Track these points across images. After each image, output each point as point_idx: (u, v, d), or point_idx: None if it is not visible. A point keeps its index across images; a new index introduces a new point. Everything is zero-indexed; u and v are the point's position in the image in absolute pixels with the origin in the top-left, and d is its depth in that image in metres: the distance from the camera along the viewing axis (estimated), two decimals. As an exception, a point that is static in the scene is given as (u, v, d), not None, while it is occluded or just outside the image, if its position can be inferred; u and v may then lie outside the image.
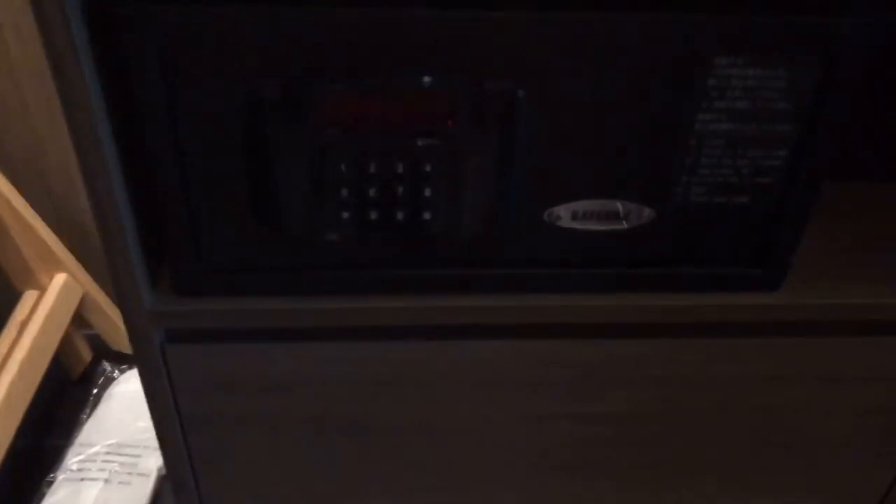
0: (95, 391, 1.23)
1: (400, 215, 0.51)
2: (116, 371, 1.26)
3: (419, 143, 0.48)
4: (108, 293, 1.24)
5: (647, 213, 0.53)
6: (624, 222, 0.53)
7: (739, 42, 0.46)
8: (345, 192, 0.50)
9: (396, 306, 0.56)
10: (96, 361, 1.28)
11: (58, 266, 1.13)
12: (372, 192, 0.50)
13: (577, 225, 0.53)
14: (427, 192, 0.50)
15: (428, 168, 0.49)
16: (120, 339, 1.25)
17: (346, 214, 0.51)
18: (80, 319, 1.23)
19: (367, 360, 0.59)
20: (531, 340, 0.59)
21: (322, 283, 0.55)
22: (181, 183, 0.50)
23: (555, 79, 0.47)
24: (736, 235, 0.55)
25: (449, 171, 0.50)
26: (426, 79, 0.46)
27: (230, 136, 0.48)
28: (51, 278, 1.12)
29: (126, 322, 0.56)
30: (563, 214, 0.53)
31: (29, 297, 1.10)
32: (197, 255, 0.54)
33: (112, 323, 1.23)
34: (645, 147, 0.50)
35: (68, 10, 0.40)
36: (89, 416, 1.18)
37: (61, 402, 1.23)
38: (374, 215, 0.51)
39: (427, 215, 0.52)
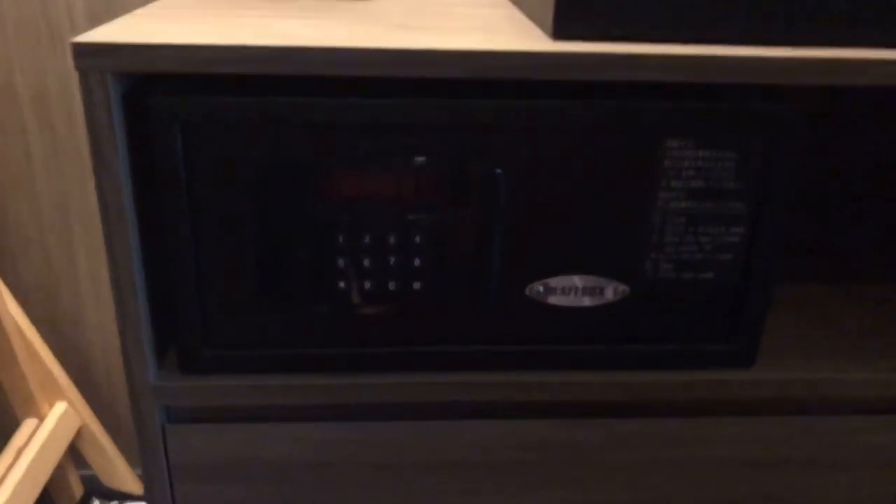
0: (83, 529, 1.20)
1: (392, 284, 0.56)
2: (106, 509, 1.23)
3: (410, 217, 0.54)
4: (105, 427, 1.24)
5: (622, 289, 0.58)
6: (600, 297, 0.58)
7: (686, 126, 0.52)
8: (341, 261, 0.55)
9: (390, 382, 0.59)
10: (87, 500, 1.26)
11: (58, 395, 1.15)
12: (366, 262, 0.55)
13: (558, 300, 0.58)
14: (417, 262, 0.55)
15: (418, 239, 0.55)
16: (113, 474, 1.24)
17: (341, 284, 0.56)
18: (75, 454, 1.23)
19: (366, 440, 0.61)
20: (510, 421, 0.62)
21: (318, 360, 0.59)
22: (194, 262, 0.55)
23: (528, 161, 0.53)
24: (705, 311, 0.59)
25: (437, 243, 0.55)
26: (417, 159, 0.53)
27: (240, 216, 0.54)
28: (51, 406, 1.14)
29: (132, 400, 0.59)
30: (543, 290, 0.58)
31: (28, 424, 1.11)
32: (203, 335, 0.58)
33: (107, 457, 1.22)
34: (615, 225, 0.56)
35: (111, 97, 0.47)
36: (75, 553, 1.15)
37: (48, 540, 1.20)
38: (367, 284, 0.56)
39: (417, 285, 0.56)
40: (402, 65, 0.48)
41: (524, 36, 0.53)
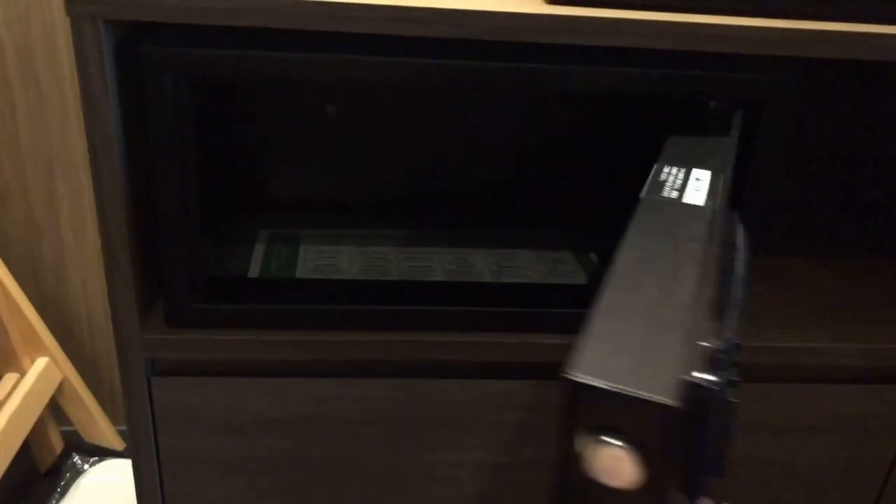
0: (63, 483, 1.21)
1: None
2: (86, 465, 1.24)
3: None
4: (87, 383, 1.24)
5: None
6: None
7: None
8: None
9: (375, 340, 0.59)
10: (67, 455, 1.26)
11: (40, 350, 1.15)
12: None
13: None
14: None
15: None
16: (94, 430, 1.25)
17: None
18: (56, 410, 1.23)
19: (341, 396, 0.62)
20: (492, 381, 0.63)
21: (304, 316, 0.59)
22: (183, 214, 0.55)
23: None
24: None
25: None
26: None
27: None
28: (32, 361, 1.14)
29: (118, 352, 0.59)
30: None
31: (9, 378, 1.11)
32: (190, 289, 0.58)
33: (88, 412, 1.23)
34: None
35: (104, 45, 0.47)
36: (55, 507, 1.16)
37: (28, 494, 1.21)
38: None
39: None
40: (395, 22, 0.48)
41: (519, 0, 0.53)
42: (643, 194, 0.43)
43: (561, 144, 0.78)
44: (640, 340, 0.28)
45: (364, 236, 0.74)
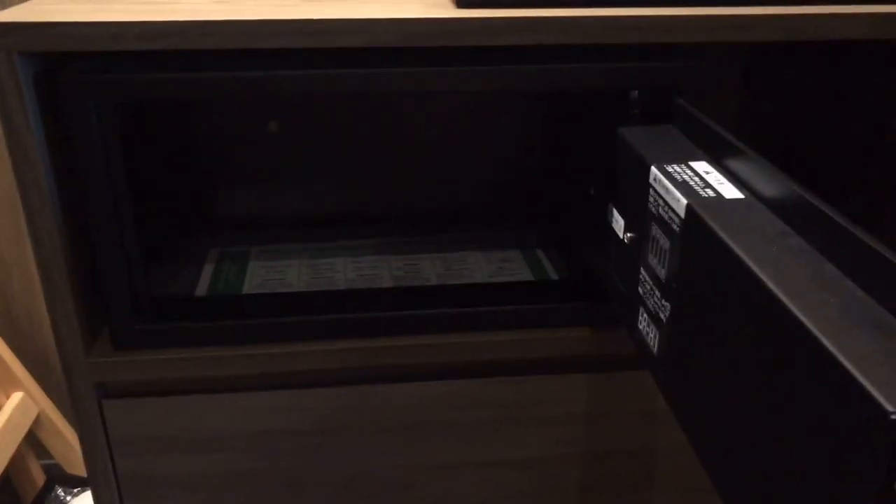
0: (47, 516, 1.21)
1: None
2: (69, 496, 1.24)
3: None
4: (65, 414, 1.25)
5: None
6: None
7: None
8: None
9: (320, 349, 0.60)
10: (50, 487, 1.26)
11: (14, 385, 1.15)
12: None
13: None
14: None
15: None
16: (75, 461, 1.25)
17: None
18: (35, 444, 1.23)
19: (293, 408, 0.63)
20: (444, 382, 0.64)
21: (249, 330, 0.60)
22: (118, 237, 0.56)
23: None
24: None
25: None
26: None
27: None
28: (7, 396, 1.14)
29: (67, 378, 0.60)
30: None
31: (-16, 415, 1.11)
32: (133, 310, 0.59)
33: (67, 444, 1.23)
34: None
35: (20, 77, 0.48)
36: (39, 540, 1.16)
37: (11, 529, 1.21)
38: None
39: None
40: (306, 35, 0.49)
41: (430, 5, 0.54)
42: (684, 199, 0.41)
43: (500, 144, 0.79)
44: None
45: (312, 249, 0.75)
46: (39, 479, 1.26)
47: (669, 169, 0.45)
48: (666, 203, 0.44)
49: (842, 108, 0.74)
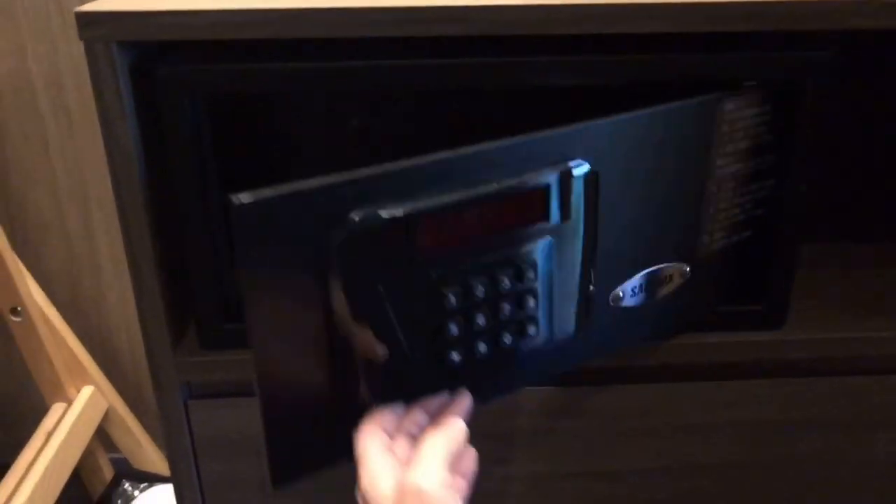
0: (115, 510, 1.22)
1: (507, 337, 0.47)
2: (137, 490, 1.25)
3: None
4: (132, 410, 1.25)
5: (684, 269, 0.55)
6: (669, 286, 0.54)
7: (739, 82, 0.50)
8: (452, 327, 0.45)
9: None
10: (117, 482, 1.27)
11: (85, 379, 1.15)
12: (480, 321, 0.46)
13: (633, 302, 0.53)
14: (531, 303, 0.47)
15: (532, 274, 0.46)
16: (142, 456, 1.25)
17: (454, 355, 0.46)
18: (104, 437, 1.24)
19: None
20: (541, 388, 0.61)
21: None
22: (209, 234, 0.54)
23: (616, 159, 0.48)
24: (736, 273, 0.57)
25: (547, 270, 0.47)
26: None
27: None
28: (78, 390, 1.14)
29: (153, 377, 0.58)
30: (624, 293, 0.52)
31: (56, 408, 1.12)
32: (222, 309, 0.57)
33: (135, 439, 1.23)
34: (680, 205, 0.53)
35: (118, 66, 0.46)
36: (108, 534, 1.17)
37: (81, 522, 1.22)
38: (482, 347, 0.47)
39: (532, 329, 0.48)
40: (409, 23, 0.46)
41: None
42: None
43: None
44: None
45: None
46: (108, 473, 1.27)
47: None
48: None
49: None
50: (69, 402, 1.13)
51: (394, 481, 0.39)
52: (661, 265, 0.54)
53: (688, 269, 0.54)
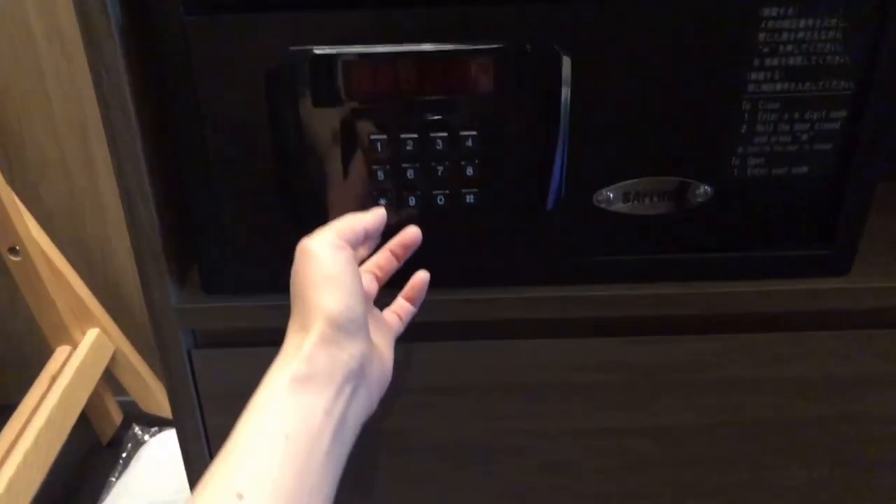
0: (125, 454, 1.19)
1: (441, 198, 0.49)
2: (147, 435, 1.22)
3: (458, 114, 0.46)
4: (140, 353, 1.22)
5: (704, 190, 0.50)
6: (679, 202, 0.50)
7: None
8: (380, 173, 0.48)
9: (439, 300, 0.52)
10: (126, 425, 1.25)
11: (90, 321, 1.12)
12: (410, 174, 0.48)
13: (628, 209, 0.50)
14: (469, 171, 0.48)
15: (469, 143, 0.47)
16: (151, 400, 1.22)
17: (382, 201, 0.49)
18: (111, 381, 1.21)
19: (403, 363, 0.56)
20: (575, 339, 0.55)
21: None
22: (208, 176, 0.49)
23: (599, 44, 0.45)
24: (795, 213, 0.51)
25: (491, 144, 0.47)
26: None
27: (255, 124, 0.47)
28: (83, 334, 1.11)
29: (153, 325, 0.53)
30: (614, 196, 0.50)
31: (61, 352, 1.08)
32: (226, 252, 0.52)
33: (143, 382, 1.20)
34: (698, 115, 0.47)
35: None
36: (118, 479, 1.14)
37: (91, 466, 1.20)
38: (411, 200, 0.49)
39: (470, 198, 0.49)
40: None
41: None
42: None
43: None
44: None
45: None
46: (117, 416, 1.24)
47: None
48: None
49: None
50: (74, 345, 1.09)
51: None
52: (668, 177, 0.49)
53: (708, 189, 0.49)
